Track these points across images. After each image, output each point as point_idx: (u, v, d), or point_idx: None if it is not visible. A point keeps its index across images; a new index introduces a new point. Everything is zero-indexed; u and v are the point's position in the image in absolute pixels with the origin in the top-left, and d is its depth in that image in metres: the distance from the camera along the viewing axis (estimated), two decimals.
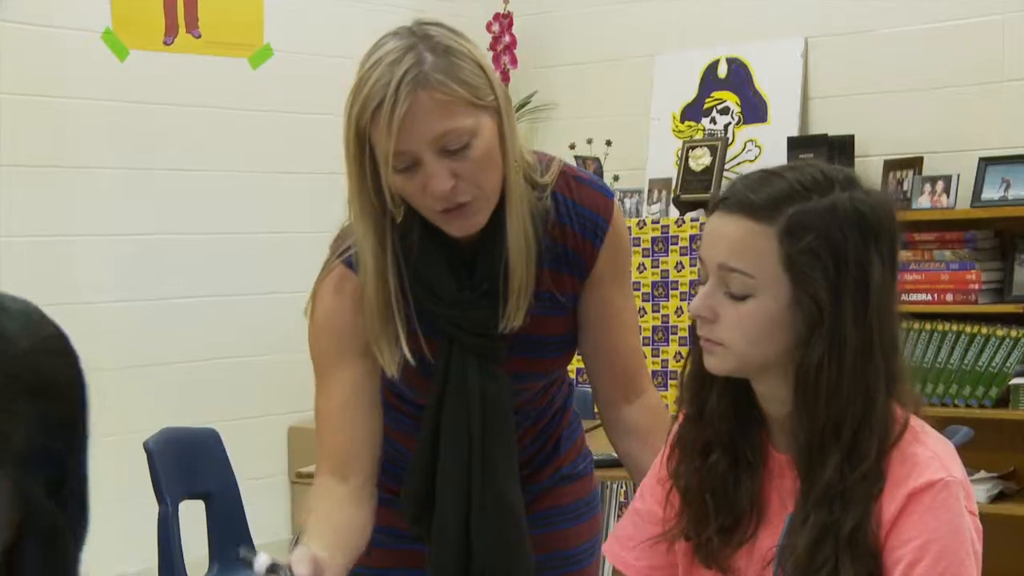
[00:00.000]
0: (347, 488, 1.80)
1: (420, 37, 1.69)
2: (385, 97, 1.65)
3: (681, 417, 1.68)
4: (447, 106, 1.67)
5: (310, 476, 3.47)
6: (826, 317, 1.49)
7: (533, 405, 1.97)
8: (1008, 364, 4.22)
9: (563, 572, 2.00)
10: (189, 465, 3.40)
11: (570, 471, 2.04)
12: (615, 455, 2.06)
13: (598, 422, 2.09)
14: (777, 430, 1.60)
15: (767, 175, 1.56)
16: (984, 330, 4.26)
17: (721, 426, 1.61)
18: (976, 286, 4.29)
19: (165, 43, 4.66)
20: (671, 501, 1.67)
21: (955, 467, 1.51)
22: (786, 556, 1.52)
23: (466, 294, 1.82)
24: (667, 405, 2.03)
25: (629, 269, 2.02)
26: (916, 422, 1.55)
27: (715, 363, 1.56)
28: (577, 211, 1.87)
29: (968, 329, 4.28)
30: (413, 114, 1.65)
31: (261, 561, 1.54)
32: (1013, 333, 4.22)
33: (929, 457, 1.50)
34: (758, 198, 1.52)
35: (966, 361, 4.28)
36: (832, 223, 1.50)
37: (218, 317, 4.81)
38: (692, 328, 1.62)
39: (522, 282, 1.80)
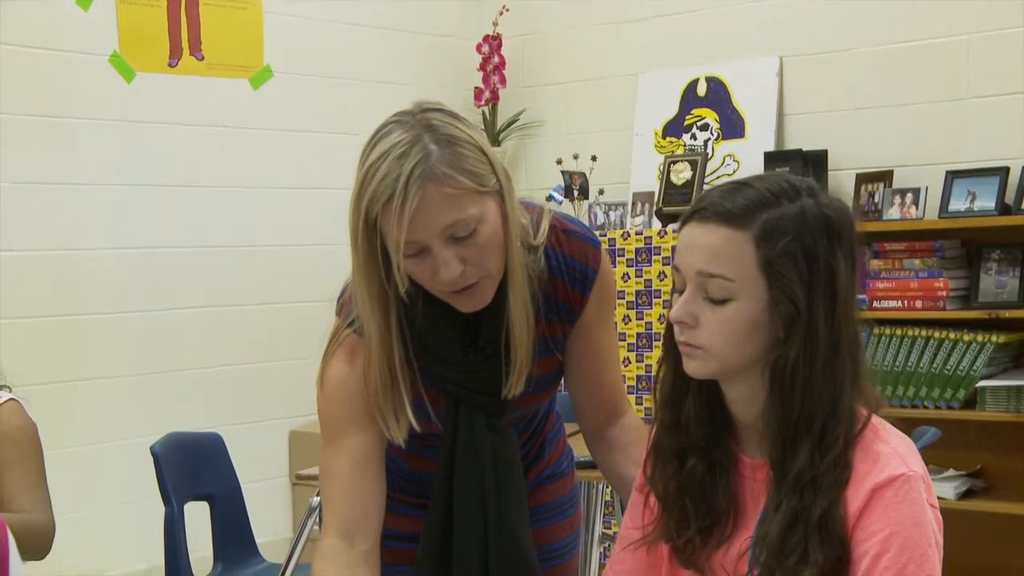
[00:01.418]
0: (356, 552, 1.78)
1: (424, 127, 1.68)
2: (395, 193, 1.64)
3: (656, 424, 1.69)
4: (454, 198, 1.66)
5: (310, 478, 3.50)
6: (802, 316, 1.52)
7: (520, 418, 1.97)
8: (975, 367, 4.22)
9: (546, 566, 2.00)
10: (194, 468, 3.39)
11: (553, 471, 2.05)
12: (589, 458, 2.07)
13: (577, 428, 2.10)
14: (746, 434, 1.62)
15: (738, 185, 1.58)
16: (952, 335, 4.26)
17: (697, 432, 1.63)
18: (944, 293, 4.29)
19: (170, 65, 4.68)
20: (649, 506, 1.68)
21: (915, 462, 1.53)
22: (760, 544, 1.54)
23: (471, 357, 1.82)
24: (650, 410, 2.05)
25: (614, 308, 2.02)
26: (878, 421, 1.57)
27: (696, 367, 1.58)
28: (567, 263, 1.87)
29: (936, 334, 4.29)
30: (423, 208, 1.65)
31: None
32: (979, 338, 4.22)
33: (890, 453, 1.52)
34: (733, 206, 1.55)
35: (935, 365, 4.28)
36: (803, 227, 1.53)
37: (221, 327, 4.82)
38: (667, 336, 1.63)
39: (524, 358, 1.80)
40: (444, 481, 1.86)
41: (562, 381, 2.00)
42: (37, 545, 2.51)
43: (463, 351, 1.82)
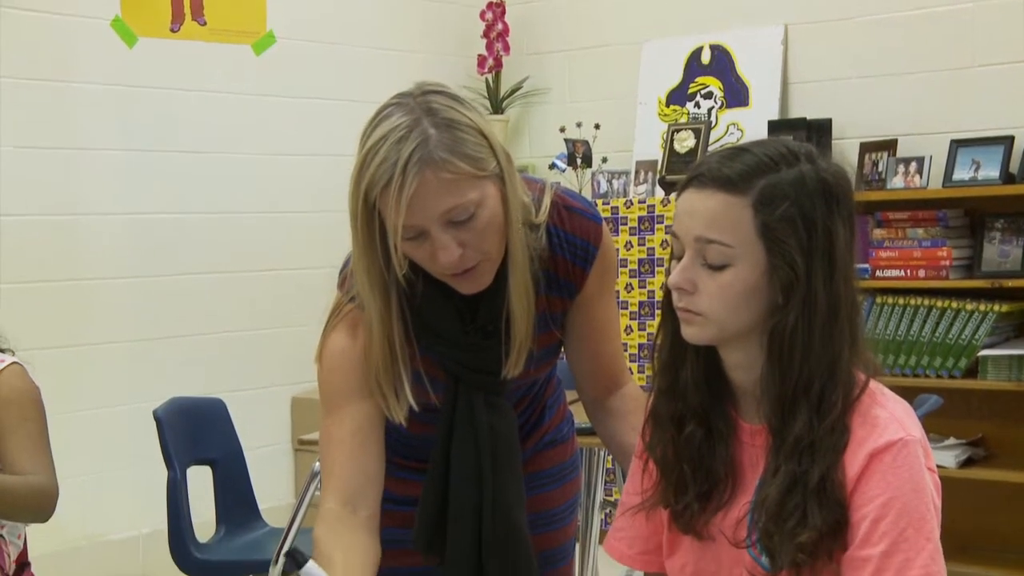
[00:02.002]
0: (357, 519, 1.77)
1: (424, 110, 1.67)
2: (393, 177, 1.63)
3: (654, 390, 1.68)
4: (453, 183, 1.66)
5: (312, 443, 3.51)
6: (800, 281, 1.51)
7: (520, 386, 1.97)
8: (976, 336, 4.23)
9: (545, 531, 2.01)
10: (196, 433, 3.42)
11: (553, 437, 2.05)
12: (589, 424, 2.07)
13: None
14: (744, 400, 1.62)
15: (736, 151, 1.57)
16: (954, 304, 4.27)
17: (694, 397, 1.62)
18: (947, 262, 4.30)
19: (172, 30, 4.66)
20: (648, 472, 1.68)
21: (913, 427, 1.53)
22: (758, 508, 1.54)
23: (471, 336, 1.82)
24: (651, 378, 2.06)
25: (614, 282, 2.01)
26: (876, 386, 1.57)
27: (694, 333, 1.57)
28: (568, 240, 1.86)
29: (939, 303, 4.29)
30: (421, 193, 1.64)
31: (310, 569, 1.53)
32: (981, 307, 4.23)
33: (888, 418, 1.52)
34: (732, 172, 1.53)
35: (937, 334, 4.29)
36: (801, 192, 1.52)
37: (223, 292, 4.83)
38: (666, 302, 1.63)
39: (523, 339, 1.80)
40: (441, 457, 1.86)
41: (561, 351, 2.00)
42: (40, 508, 2.53)
43: (463, 330, 1.82)
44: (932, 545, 1.48)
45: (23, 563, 2.64)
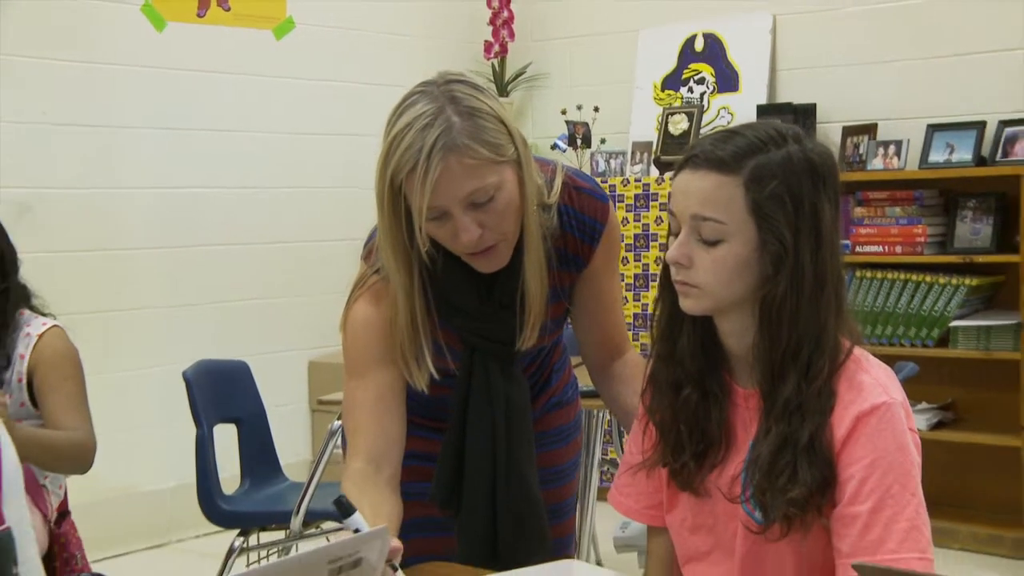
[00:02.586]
0: (382, 477, 1.77)
1: (447, 99, 1.67)
2: (418, 162, 1.64)
3: (653, 357, 1.68)
4: (474, 168, 1.66)
5: (330, 403, 3.53)
6: (789, 254, 1.51)
7: (530, 353, 1.97)
8: (949, 308, 4.25)
9: (551, 486, 2.01)
10: (223, 393, 3.42)
11: (559, 399, 2.06)
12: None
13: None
14: (739, 365, 1.62)
15: (728, 133, 1.57)
16: (928, 278, 4.29)
17: (691, 364, 1.63)
18: (922, 239, 4.31)
19: (198, 15, 4.65)
20: (648, 433, 1.69)
21: (895, 390, 1.54)
22: (752, 467, 1.55)
23: (487, 309, 1.83)
24: (646, 346, 2.06)
25: (618, 257, 2.02)
26: (860, 352, 1.57)
27: (691, 304, 1.58)
28: (578, 218, 1.87)
29: (914, 277, 4.31)
30: (444, 177, 1.64)
31: (355, 520, 1.52)
32: (954, 281, 4.25)
33: (872, 383, 1.53)
34: (724, 153, 1.53)
35: (912, 306, 4.31)
36: (789, 171, 1.52)
37: (247, 262, 4.83)
38: (663, 275, 1.63)
39: (538, 313, 1.81)
40: (458, 421, 1.87)
41: (568, 319, 2.01)
42: (80, 461, 2.54)
43: (480, 303, 1.82)
44: (916, 500, 1.49)
45: (64, 511, 2.66)
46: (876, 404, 1.51)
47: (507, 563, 1.79)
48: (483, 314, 1.83)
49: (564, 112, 5.18)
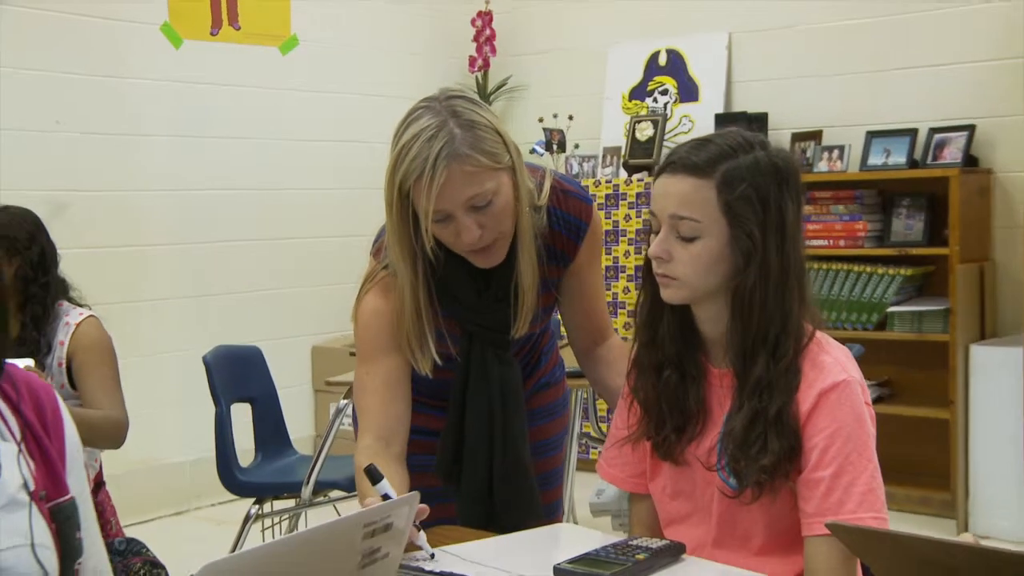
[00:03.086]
0: (391, 452, 1.78)
1: (449, 113, 1.68)
2: (424, 171, 1.65)
3: (636, 343, 1.70)
4: (474, 175, 1.67)
5: (335, 385, 3.53)
6: (757, 249, 1.53)
7: (521, 338, 1.97)
8: (886, 296, 4.28)
9: (540, 458, 2.02)
10: (238, 375, 3.42)
11: (548, 379, 2.07)
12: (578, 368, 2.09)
13: (567, 341, 2.11)
14: (714, 349, 1.63)
15: (701, 142, 1.59)
16: (868, 269, 4.31)
17: (671, 348, 1.64)
18: (863, 234, 4.33)
19: (212, 34, 4.64)
20: (633, 410, 1.70)
21: (853, 369, 1.56)
22: (727, 438, 1.57)
23: (484, 300, 1.83)
24: (616, 330, 2.07)
25: (600, 252, 2.03)
26: (822, 336, 1.59)
27: (671, 294, 1.59)
28: (565, 219, 1.87)
29: (856, 268, 4.33)
30: (448, 184, 1.66)
31: (384, 485, 1.54)
32: (891, 271, 4.27)
33: (832, 363, 1.55)
34: (698, 159, 1.55)
35: (854, 293, 4.33)
36: (757, 175, 1.54)
37: (258, 257, 4.82)
38: (646, 269, 1.64)
39: (530, 304, 1.82)
40: (458, 402, 1.88)
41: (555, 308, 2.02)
42: (114, 437, 2.55)
43: (478, 295, 1.83)
44: (872, 465, 1.52)
45: (99, 483, 2.67)
46: (836, 382, 1.53)
47: (502, 527, 1.80)
48: (481, 306, 1.84)
49: (541, 120, 5.19)
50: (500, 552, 1.58)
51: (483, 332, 1.86)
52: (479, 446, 1.86)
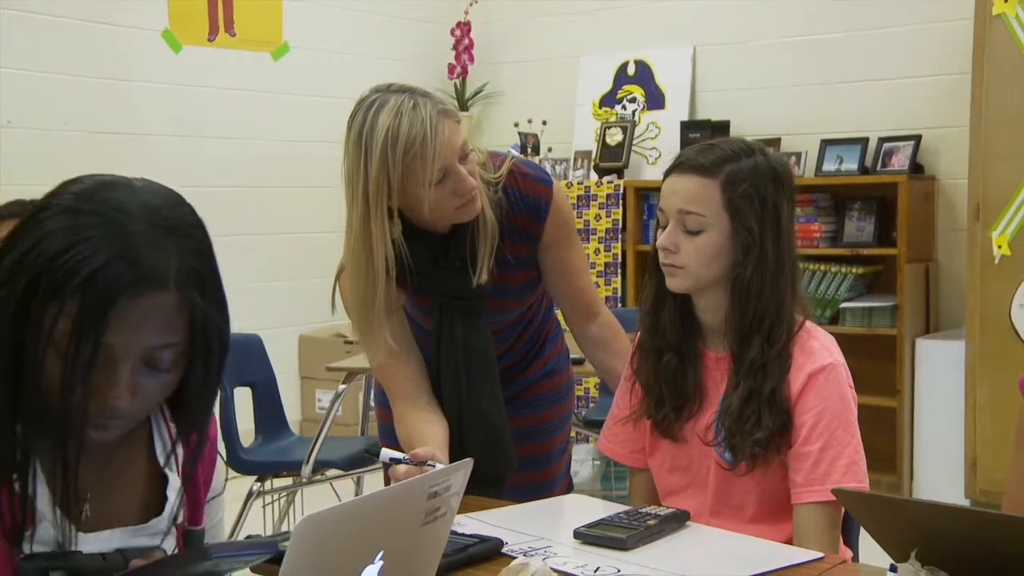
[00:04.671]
0: (421, 404, 1.85)
1: (403, 90, 1.73)
2: (427, 132, 1.68)
3: (640, 328, 1.75)
4: (458, 128, 1.75)
5: (337, 370, 3.56)
6: (755, 243, 1.59)
7: (519, 320, 2.01)
8: (839, 292, 4.33)
9: (541, 439, 2.05)
10: (240, 361, 3.43)
11: (552, 367, 2.07)
12: (581, 356, 2.13)
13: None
14: (711, 335, 1.69)
15: (708, 146, 1.65)
16: (822, 267, 4.35)
17: (671, 334, 1.69)
18: (818, 234, 4.38)
19: (209, 40, 4.64)
20: (635, 391, 1.75)
21: (838, 354, 1.64)
22: (723, 416, 1.63)
23: (443, 269, 1.85)
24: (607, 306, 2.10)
25: (573, 230, 2.00)
26: (810, 324, 1.67)
27: (676, 283, 1.64)
28: (524, 200, 1.88)
29: (811, 266, 4.36)
30: (447, 137, 1.71)
31: (385, 453, 1.60)
32: (843, 269, 4.32)
33: (820, 348, 1.62)
34: (705, 160, 1.62)
35: (809, 290, 4.34)
36: (757, 176, 1.61)
37: (251, 251, 4.83)
38: (652, 260, 1.69)
39: (487, 250, 1.83)
40: (434, 365, 1.92)
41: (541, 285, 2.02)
42: None
43: (436, 264, 1.85)
44: (856, 440, 1.59)
45: None
46: (824, 365, 1.60)
47: (478, 480, 1.83)
48: (442, 275, 1.86)
49: (516, 125, 5.22)
50: (520, 518, 1.63)
51: (450, 302, 1.88)
52: (450, 402, 1.89)
